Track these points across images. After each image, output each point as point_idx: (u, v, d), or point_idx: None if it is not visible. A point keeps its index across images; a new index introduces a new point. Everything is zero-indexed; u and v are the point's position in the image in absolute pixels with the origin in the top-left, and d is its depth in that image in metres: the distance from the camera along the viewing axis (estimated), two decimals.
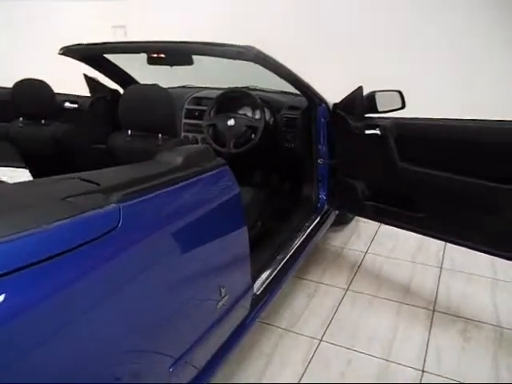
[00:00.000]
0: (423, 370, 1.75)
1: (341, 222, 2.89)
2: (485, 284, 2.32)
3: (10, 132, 2.01)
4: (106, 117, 2.88)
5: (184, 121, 2.58)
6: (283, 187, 2.72)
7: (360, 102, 2.15)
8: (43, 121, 1.91)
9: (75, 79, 2.83)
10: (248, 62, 1.74)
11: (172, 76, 2.84)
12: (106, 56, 2.43)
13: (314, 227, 2.35)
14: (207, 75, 2.70)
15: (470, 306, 2.14)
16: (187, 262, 1.20)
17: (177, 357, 1.17)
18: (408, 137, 1.97)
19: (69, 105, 2.91)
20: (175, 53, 2.01)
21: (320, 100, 2.31)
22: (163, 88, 1.58)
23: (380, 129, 2.03)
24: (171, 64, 2.18)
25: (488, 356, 1.82)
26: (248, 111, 2.45)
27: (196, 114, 2.53)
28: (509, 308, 2.11)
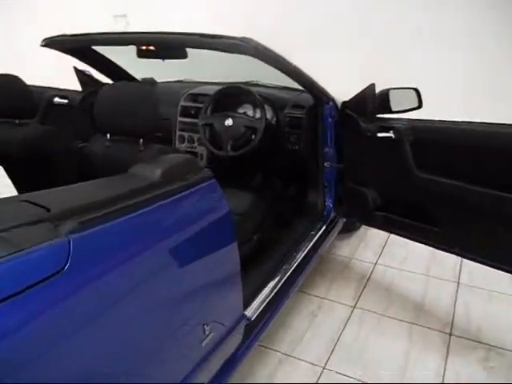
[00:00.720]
0: None
1: (348, 229, 2.67)
2: (508, 303, 2.10)
3: None
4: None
5: (179, 119, 2.38)
6: (286, 192, 2.51)
7: (372, 101, 1.93)
8: (17, 121, 1.72)
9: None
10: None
11: (170, 69, 2.66)
12: (96, 48, 2.24)
13: (320, 238, 2.15)
14: (207, 68, 2.50)
15: (492, 329, 1.92)
16: (159, 303, 1.00)
17: None
18: (426, 142, 1.75)
19: (58, 100, 2.73)
20: (166, 45, 1.80)
21: (327, 98, 2.09)
22: (144, 85, 1.39)
23: (394, 132, 1.81)
24: (163, 57, 1.97)
25: None
26: (249, 109, 2.24)
27: (192, 112, 2.32)
28: None
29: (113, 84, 1.47)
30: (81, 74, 2.68)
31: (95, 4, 4.71)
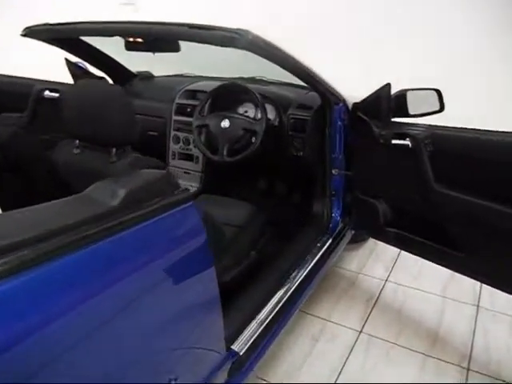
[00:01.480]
0: None
1: (356, 240, 2.45)
2: None
3: None
4: None
5: (174, 117, 2.18)
6: (289, 201, 2.31)
7: (387, 103, 1.71)
8: None
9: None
10: None
11: (180, 63, 2.46)
12: (87, 39, 2.04)
13: (325, 253, 1.94)
14: (215, 61, 2.29)
15: None
16: (108, 359, 0.81)
17: None
18: (447, 153, 1.53)
19: (49, 94, 2.55)
20: (151, 37, 1.60)
21: (337, 98, 1.87)
22: (113, 86, 1.19)
23: (411, 139, 1.59)
24: (152, 50, 1.77)
25: None
26: (250, 109, 2.04)
27: (188, 111, 2.12)
28: None
29: (82, 82, 1.27)
30: (73, 67, 2.50)
31: None
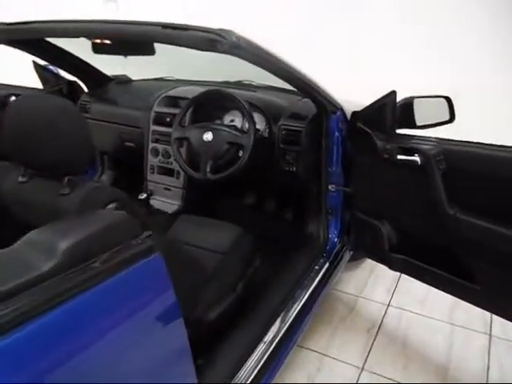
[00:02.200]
0: None
1: (355, 258, 2.24)
2: None
3: None
4: None
5: (152, 128, 1.95)
6: (280, 219, 2.10)
7: (391, 113, 1.50)
8: None
9: None
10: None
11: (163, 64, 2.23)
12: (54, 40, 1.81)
13: (321, 279, 1.73)
14: (195, 63, 2.07)
15: None
16: None
17: None
18: (462, 171, 1.33)
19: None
20: (121, 39, 1.38)
21: (334, 106, 1.66)
22: (66, 100, 0.97)
23: (420, 155, 1.39)
24: (122, 53, 1.56)
25: None
26: (237, 117, 1.82)
27: (168, 120, 1.89)
28: None
29: (25, 97, 1.05)
30: (41, 70, 2.27)
31: None
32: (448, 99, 1.58)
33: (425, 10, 2.90)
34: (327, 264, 1.80)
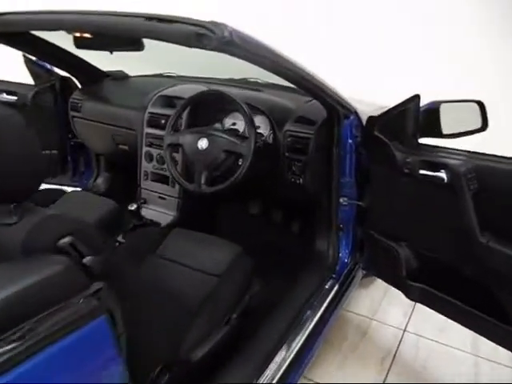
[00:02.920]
0: None
1: (366, 275, 2.05)
2: None
3: None
4: (52, 111, 2.12)
5: (146, 130, 1.77)
6: (285, 231, 1.91)
7: (414, 120, 1.29)
8: None
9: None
10: None
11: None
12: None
13: (330, 305, 1.54)
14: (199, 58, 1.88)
15: None
16: None
17: None
18: (498, 193, 1.12)
19: (6, 97, 2.16)
20: (101, 32, 1.20)
21: (347, 110, 1.46)
22: (8, 110, 0.79)
23: (448, 172, 1.18)
24: (107, 48, 1.38)
25: None
26: (240, 120, 1.63)
27: (163, 122, 1.71)
28: None
29: None
30: (32, 65, 2.11)
31: None
32: (480, 104, 1.36)
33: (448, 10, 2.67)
34: (337, 286, 1.60)
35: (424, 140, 1.34)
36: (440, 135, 1.33)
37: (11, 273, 0.61)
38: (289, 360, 1.30)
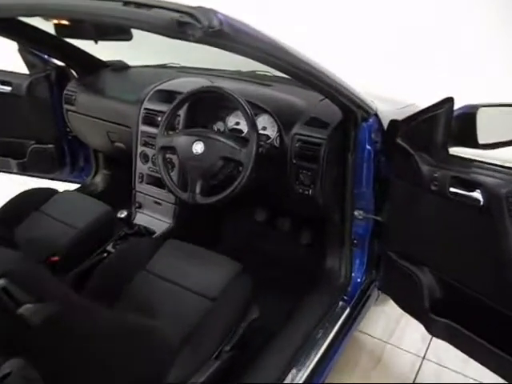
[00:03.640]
0: None
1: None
2: None
3: None
4: (47, 103, 1.98)
5: (141, 128, 1.60)
6: (294, 240, 1.73)
7: (445, 128, 1.09)
8: None
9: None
10: None
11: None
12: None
13: (340, 331, 1.36)
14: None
15: None
16: None
17: None
18: None
19: (0, 87, 2.02)
20: (77, 19, 1.04)
21: (365, 111, 1.26)
22: None
23: (484, 191, 0.98)
24: (92, 37, 1.22)
25: None
26: (244, 120, 1.44)
27: (159, 120, 1.53)
28: None
29: None
30: (26, 54, 1.96)
31: None
32: None
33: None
34: (348, 310, 1.42)
35: (454, 150, 1.14)
36: (475, 145, 1.13)
37: None
38: None
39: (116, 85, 1.80)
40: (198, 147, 1.23)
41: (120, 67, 1.93)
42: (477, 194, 1.00)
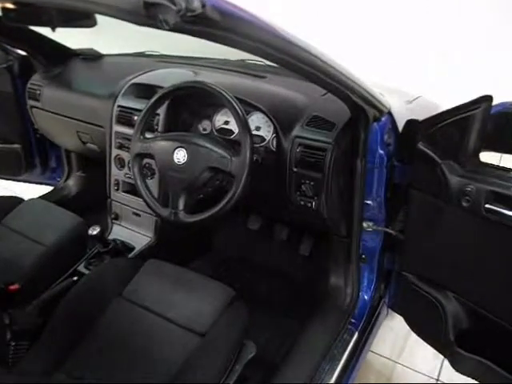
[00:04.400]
0: None
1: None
2: None
3: None
4: (11, 98, 1.75)
5: (115, 128, 1.38)
6: (293, 252, 1.55)
7: (479, 131, 0.90)
8: None
9: None
10: None
11: None
12: None
13: (348, 360, 1.19)
14: None
15: None
16: None
17: None
18: None
19: None
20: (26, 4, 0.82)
21: (378, 109, 1.06)
22: None
23: None
24: (48, 24, 1.00)
25: None
26: (232, 119, 1.24)
27: (135, 119, 1.32)
28: None
29: None
30: None
31: None
32: None
33: None
34: (356, 335, 1.25)
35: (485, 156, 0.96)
36: (511, 150, 0.95)
37: None
38: None
39: (86, 77, 1.57)
40: (180, 155, 1.02)
41: (91, 56, 1.70)
42: None
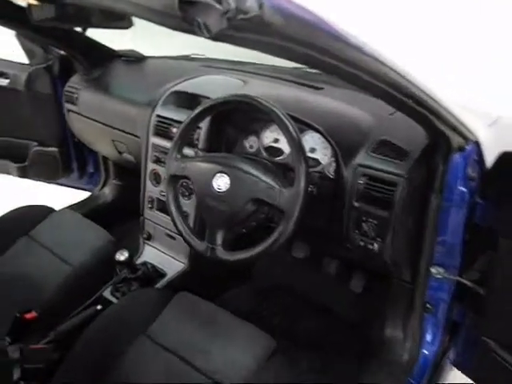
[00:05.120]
0: None
1: None
2: None
3: None
4: (50, 100, 1.66)
5: (152, 140, 1.25)
6: (344, 289, 1.37)
7: None
8: None
9: None
10: None
11: None
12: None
13: None
14: None
15: None
16: None
17: None
18: None
19: None
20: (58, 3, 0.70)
21: (463, 137, 0.87)
22: None
23: None
24: (78, 24, 0.88)
25: None
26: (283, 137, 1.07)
27: (174, 131, 1.18)
28: None
29: None
30: (25, 41, 1.64)
31: None
32: None
33: None
34: None
35: None
36: None
37: None
38: None
39: (125, 81, 1.45)
40: (221, 182, 0.87)
41: (133, 58, 1.58)
42: None
